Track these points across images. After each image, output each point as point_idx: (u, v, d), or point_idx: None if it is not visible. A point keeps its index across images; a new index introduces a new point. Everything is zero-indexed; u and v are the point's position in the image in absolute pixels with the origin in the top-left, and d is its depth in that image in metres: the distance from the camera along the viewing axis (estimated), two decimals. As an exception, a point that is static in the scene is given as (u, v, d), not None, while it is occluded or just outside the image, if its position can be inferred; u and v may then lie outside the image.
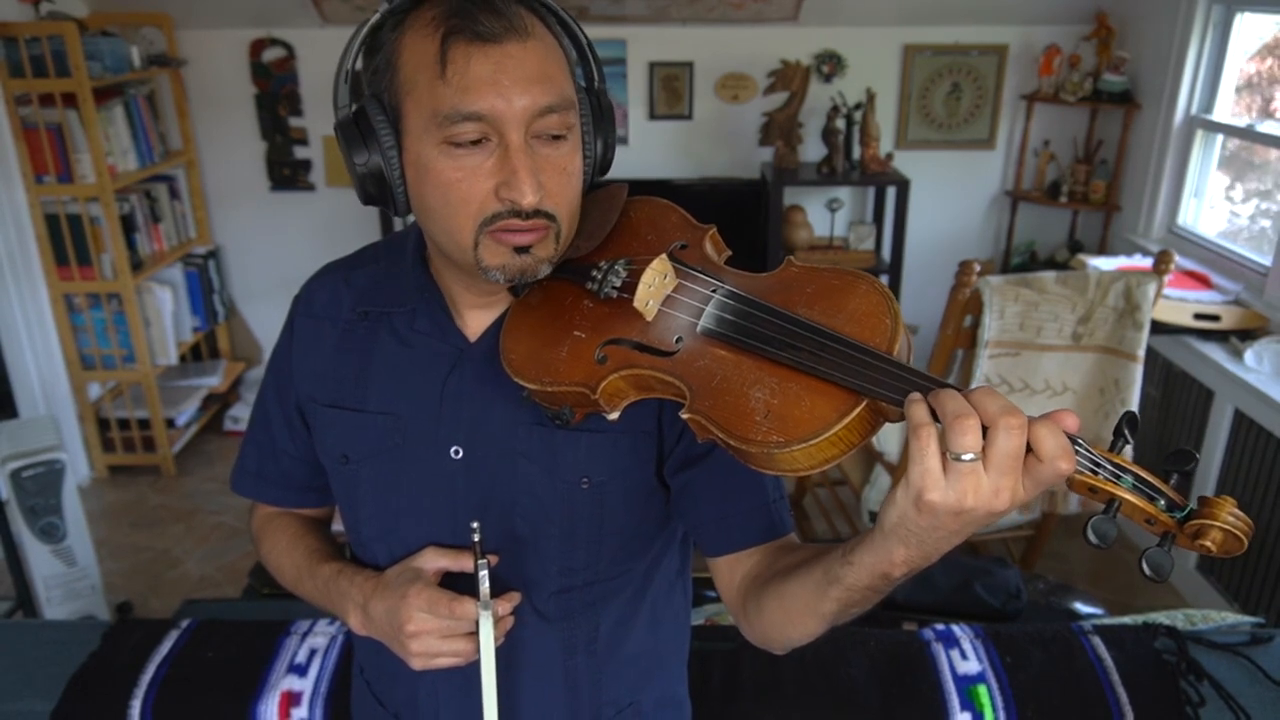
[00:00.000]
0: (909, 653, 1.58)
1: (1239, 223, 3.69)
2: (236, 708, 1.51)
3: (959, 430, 0.69)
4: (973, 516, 0.71)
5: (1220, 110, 3.62)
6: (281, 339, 1.16)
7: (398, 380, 1.06)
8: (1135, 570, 3.26)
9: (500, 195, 0.89)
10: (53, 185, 3.63)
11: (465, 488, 1.05)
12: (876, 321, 0.82)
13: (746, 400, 0.82)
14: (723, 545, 1.04)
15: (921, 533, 0.74)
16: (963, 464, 0.69)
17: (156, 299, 3.97)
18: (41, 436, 2.86)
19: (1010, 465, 0.69)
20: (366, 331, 1.08)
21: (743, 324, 0.86)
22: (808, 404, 0.79)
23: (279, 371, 1.16)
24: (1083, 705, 1.49)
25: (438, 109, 0.87)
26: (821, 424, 0.77)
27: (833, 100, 4.07)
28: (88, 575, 2.96)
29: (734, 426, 0.81)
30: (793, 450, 0.78)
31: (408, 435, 1.05)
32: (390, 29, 0.91)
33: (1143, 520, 0.73)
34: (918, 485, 0.71)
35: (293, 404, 1.15)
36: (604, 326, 0.94)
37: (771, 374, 0.83)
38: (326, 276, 1.15)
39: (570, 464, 1.03)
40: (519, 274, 0.94)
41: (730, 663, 1.56)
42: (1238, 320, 3.18)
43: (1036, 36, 4.19)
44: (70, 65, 3.45)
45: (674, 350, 0.89)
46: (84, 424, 3.99)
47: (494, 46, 0.86)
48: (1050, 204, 4.25)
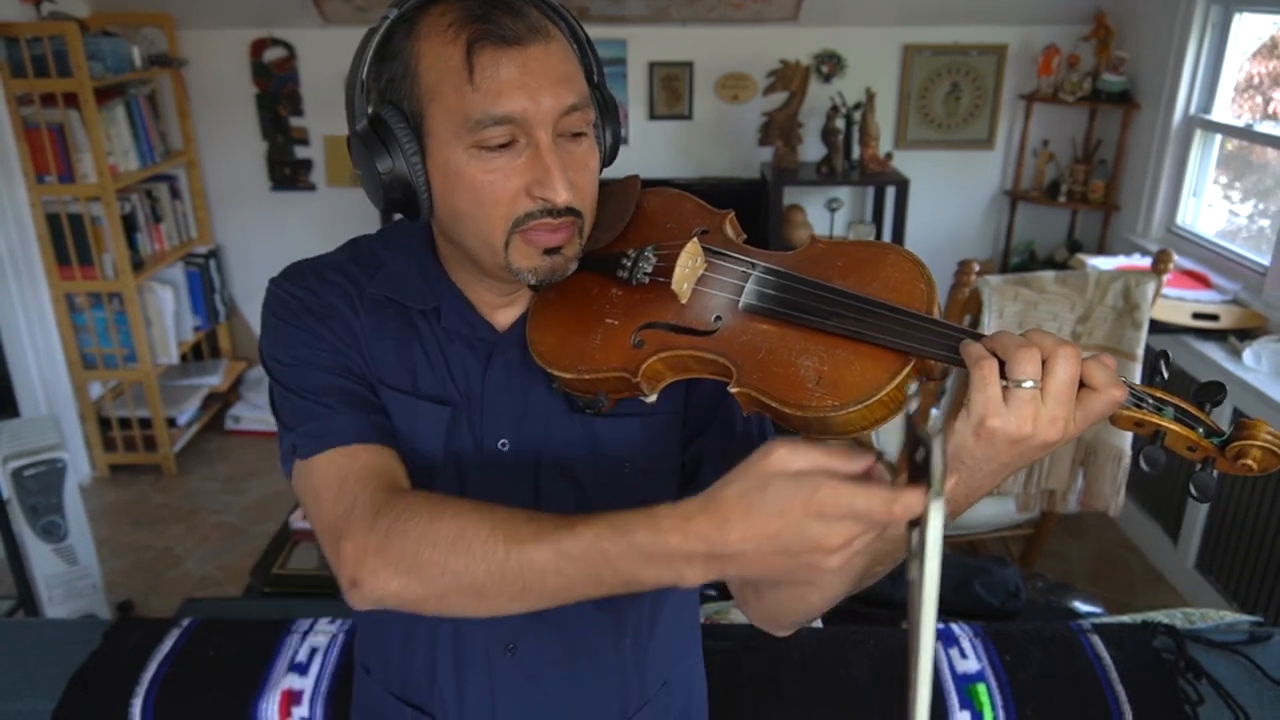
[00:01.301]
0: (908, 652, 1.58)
1: (1238, 222, 3.70)
2: (237, 706, 1.52)
3: (1021, 359, 0.74)
4: (1028, 446, 0.75)
5: (1219, 110, 3.63)
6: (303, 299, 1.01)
7: (442, 368, 1.03)
8: (1134, 569, 3.25)
9: (533, 194, 0.90)
10: (54, 185, 3.64)
11: (514, 480, 1.04)
12: (912, 286, 0.87)
13: (796, 369, 0.85)
14: None
15: (975, 464, 0.77)
16: (1024, 391, 0.74)
17: (157, 298, 3.97)
18: (43, 435, 2.86)
19: (1067, 394, 0.74)
20: (398, 315, 1.03)
21: (786, 297, 0.89)
22: (858, 368, 0.83)
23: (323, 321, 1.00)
24: (1082, 704, 1.49)
25: (468, 114, 0.87)
26: (874, 385, 0.81)
27: (832, 100, 4.08)
28: (89, 574, 2.96)
29: (788, 395, 0.83)
30: (848, 412, 0.81)
31: (460, 427, 1.03)
32: (403, 36, 0.91)
33: (1185, 448, 0.79)
34: (980, 412, 0.75)
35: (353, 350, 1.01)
36: (637, 312, 0.96)
37: (818, 343, 0.86)
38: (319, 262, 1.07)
39: (612, 449, 1.04)
40: (549, 274, 0.95)
41: (730, 661, 1.56)
42: (1236, 319, 3.19)
43: (1035, 36, 4.20)
44: (72, 65, 3.46)
45: (713, 329, 0.92)
46: (85, 423, 3.99)
47: (519, 49, 0.88)
48: (1049, 204, 4.26)
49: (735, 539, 0.70)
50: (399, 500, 0.87)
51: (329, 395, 0.97)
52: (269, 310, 1.03)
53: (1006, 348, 0.75)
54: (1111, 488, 2.73)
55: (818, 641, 1.60)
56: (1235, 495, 3.06)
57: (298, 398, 0.98)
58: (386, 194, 0.94)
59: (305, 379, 0.98)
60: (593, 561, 0.76)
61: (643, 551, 0.74)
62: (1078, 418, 0.75)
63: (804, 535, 0.68)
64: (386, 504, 0.87)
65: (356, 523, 0.86)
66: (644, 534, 0.74)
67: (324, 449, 0.94)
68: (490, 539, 0.80)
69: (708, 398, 1.06)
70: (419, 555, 0.82)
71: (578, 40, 0.98)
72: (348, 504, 0.89)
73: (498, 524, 0.81)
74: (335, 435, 0.95)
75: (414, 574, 0.82)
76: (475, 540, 0.80)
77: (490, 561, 0.79)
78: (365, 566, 0.84)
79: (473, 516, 0.82)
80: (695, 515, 0.71)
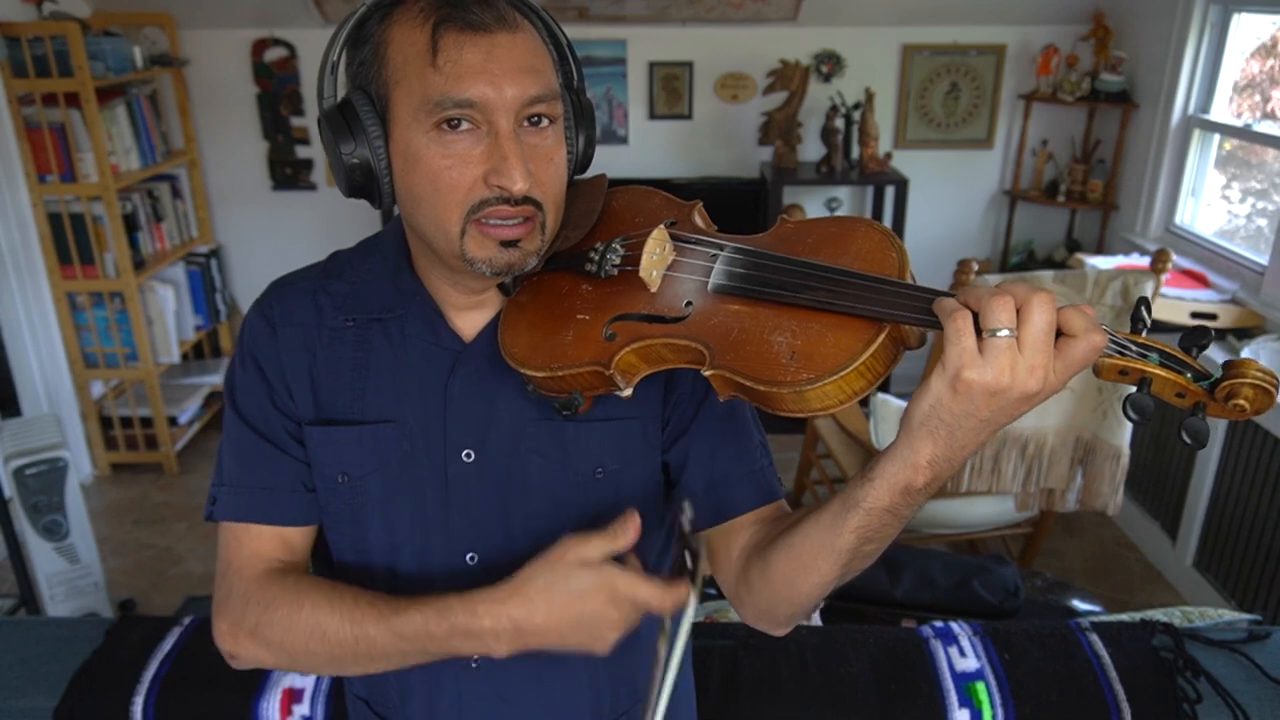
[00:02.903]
0: (908, 650, 1.59)
1: (1236, 221, 3.70)
2: (238, 704, 1.52)
3: (995, 308, 0.73)
4: (1007, 399, 0.74)
5: (1218, 110, 3.63)
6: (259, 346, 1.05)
7: (397, 386, 1.03)
8: (1133, 568, 3.26)
9: (490, 182, 0.90)
10: (56, 185, 3.65)
11: (480, 491, 1.03)
12: (883, 256, 0.86)
13: (770, 346, 0.84)
14: (717, 512, 1.05)
15: (954, 421, 0.76)
16: (999, 340, 0.72)
17: (159, 297, 3.98)
18: (45, 434, 2.87)
19: (1044, 341, 0.73)
20: (357, 338, 1.04)
21: (755, 275, 0.89)
22: (831, 339, 0.82)
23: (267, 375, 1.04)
24: (1080, 702, 1.50)
25: (429, 96, 0.88)
26: (849, 355, 0.80)
27: (832, 100, 4.08)
28: (90, 573, 2.97)
29: (761, 372, 0.83)
30: (823, 385, 0.80)
31: (416, 443, 1.02)
32: (377, 21, 0.92)
33: (1173, 394, 0.77)
34: (955, 364, 0.73)
35: (292, 409, 1.05)
36: (607, 305, 0.96)
37: (790, 318, 0.85)
38: (295, 286, 1.07)
39: (583, 455, 1.04)
40: (506, 268, 0.94)
41: (730, 660, 1.56)
42: (1235, 319, 3.19)
43: (1034, 36, 4.20)
44: (73, 65, 3.46)
45: (684, 315, 0.91)
46: (87, 422, 4.00)
47: (484, 36, 0.88)
48: (1048, 203, 4.26)
49: (540, 620, 0.88)
50: (267, 591, 1.00)
51: (251, 459, 1.05)
52: (240, 330, 1.09)
53: (980, 299, 0.74)
54: (1110, 486, 2.74)
55: (817, 640, 1.60)
56: (1232, 494, 3.07)
57: (230, 445, 1.07)
58: (349, 177, 0.94)
59: (240, 431, 1.06)
60: (421, 639, 0.92)
61: (461, 631, 0.90)
62: (1058, 367, 0.74)
63: (599, 616, 0.87)
64: (256, 594, 1.01)
65: (234, 608, 1.01)
66: (462, 617, 0.90)
67: (228, 519, 1.05)
68: (340, 628, 0.95)
69: (687, 398, 1.06)
70: (284, 641, 0.98)
71: (556, 43, 0.98)
72: (227, 589, 1.03)
73: (345, 613, 0.95)
74: (238, 510, 1.05)
75: (281, 652, 0.99)
76: (329, 629, 0.96)
77: (342, 645, 0.95)
78: (240, 644, 1.01)
79: (325, 609, 0.96)
80: (506, 600, 0.89)
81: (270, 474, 1.05)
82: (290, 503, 1.06)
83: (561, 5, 3.96)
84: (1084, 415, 2.74)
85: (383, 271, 1.06)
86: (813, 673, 1.54)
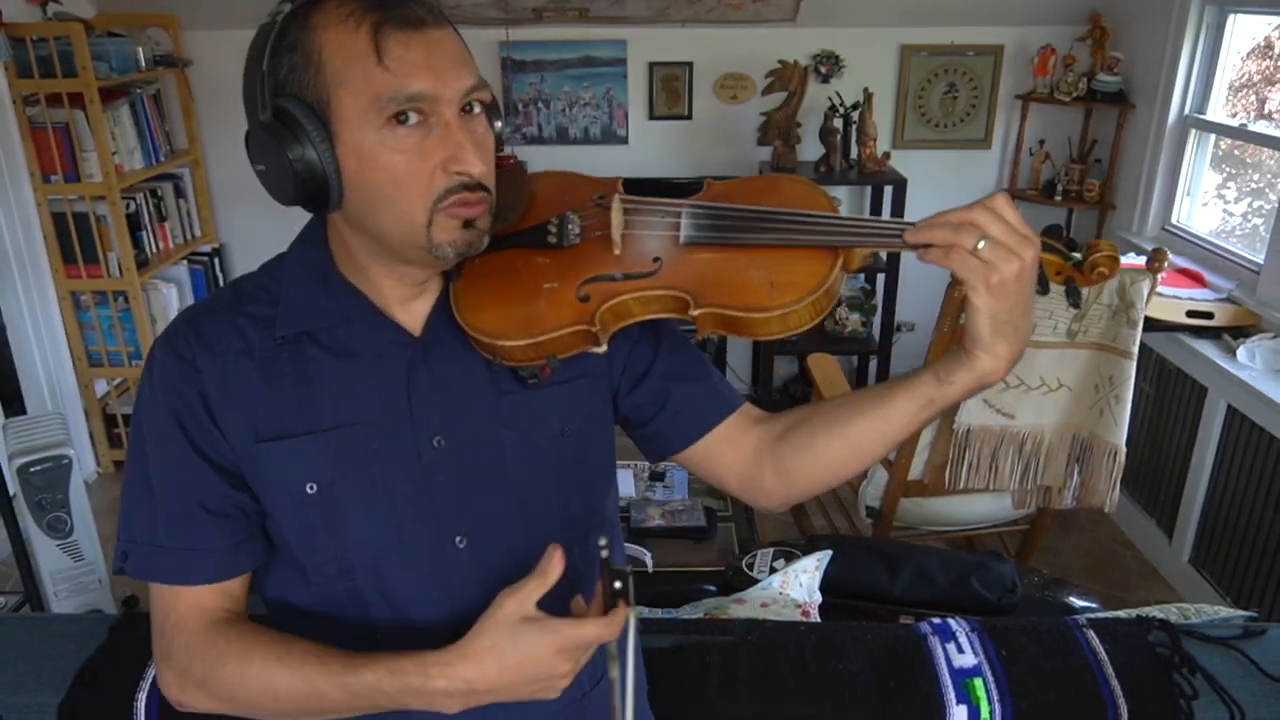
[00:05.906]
0: (906, 646, 1.59)
1: (1232, 221, 3.72)
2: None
3: (961, 235, 0.91)
4: (1025, 270, 0.91)
5: (1214, 110, 3.65)
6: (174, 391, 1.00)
7: (349, 391, 1.02)
8: (1130, 564, 3.27)
9: (449, 170, 0.93)
10: (60, 184, 3.66)
11: (454, 474, 1.05)
12: (815, 197, 1.04)
13: (749, 281, 0.99)
14: (703, 422, 1.16)
15: (1009, 314, 0.93)
16: (986, 246, 0.90)
17: (162, 296, 4.00)
18: (49, 432, 2.88)
19: (1005, 227, 0.91)
20: (292, 353, 1.02)
21: (723, 223, 1.02)
22: (801, 268, 0.98)
23: (184, 424, 1.00)
24: (1077, 698, 1.50)
25: (379, 93, 0.90)
26: (819, 278, 0.97)
27: (830, 100, 4.10)
28: (94, 570, 2.98)
29: (750, 302, 0.98)
30: (803, 305, 0.97)
31: (383, 440, 1.02)
32: (299, 29, 0.92)
33: (1054, 272, 0.99)
34: (982, 279, 0.91)
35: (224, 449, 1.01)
36: (573, 271, 1.04)
37: (758, 256, 1.00)
38: (210, 316, 1.04)
39: (548, 419, 1.09)
40: (466, 247, 0.97)
41: (728, 656, 1.57)
42: (1230, 317, 3.21)
43: (1032, 37, 4.22)
44: (77, 65, 3.47)
45: (654, 270, 1.02)
46: (90, 420, 4.01)
47: (423, 32, 0.91)
48: (1046, 203, 4.27)
49: (492, 679, 0.90)
50: (214, 646, 0.99)
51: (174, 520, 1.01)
52: (145, 374, 1.04)
53: (945, 237, 0.92)
54: (1107, 484, 2.75)
55: (816, 637, 1.61)
56: (1228, 492, 3.08)
57: (145, 502, 1.02)
58: (298, 183, 0.94)
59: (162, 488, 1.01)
60: (372, 697, 0.94)
61: (413, 691, 0.92)
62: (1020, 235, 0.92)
63: (549, 669, 0.90)
64: (201, 649, 1.00)
65: (178, 660, 1.01)
66: (415, 679, 0.92)
67: (157, 580, 1.02)
68: (291, 683, 0.96)
69: (641, 341, 1.15)
70: (234, 695, 0.99)
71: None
72: (167, 642, 1.02)
73: (295, 669, 0.95)
74: (168, 573, 1.02)
75: (233, 704, 1.00)
76: (279, 684, 0.96)
77: (294, 700, 0.96)
78: (187, 695, 1.01)
79: (275, 665, 0.96)
80: (456, 662, 0.91)
81: (201, 536, 1.01)
82: (232, 556, 1.03)
83: (562, 6, 3.97)
84: (1081, 413, 2.76)
85: (307, 285, 1.05)
86: (812, 669, 1.55)
